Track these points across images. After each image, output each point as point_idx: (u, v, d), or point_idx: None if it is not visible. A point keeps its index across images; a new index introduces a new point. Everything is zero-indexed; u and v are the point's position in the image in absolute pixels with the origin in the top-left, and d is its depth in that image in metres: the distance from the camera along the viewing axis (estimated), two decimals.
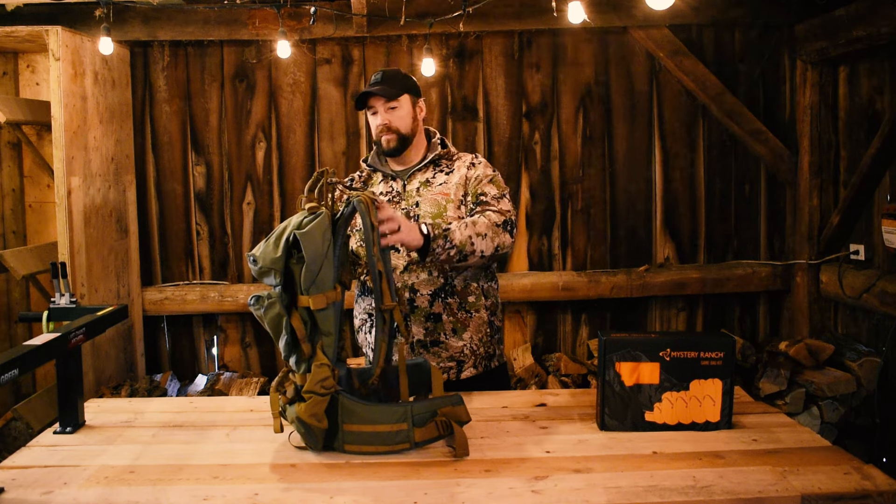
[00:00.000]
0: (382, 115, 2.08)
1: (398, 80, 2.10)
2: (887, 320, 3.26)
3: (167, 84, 3.80)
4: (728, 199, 3.93)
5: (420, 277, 2.04)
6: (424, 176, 2.12)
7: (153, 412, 1.93)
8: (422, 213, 2.05)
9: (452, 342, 2.08)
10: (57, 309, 1.92)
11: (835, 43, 3.39)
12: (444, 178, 2.12)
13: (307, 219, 1.56)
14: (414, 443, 1.59)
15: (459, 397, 1.65)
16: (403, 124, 2.09)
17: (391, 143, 2.09)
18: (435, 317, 2.05)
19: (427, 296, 2.04)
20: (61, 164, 3.08)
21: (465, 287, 2.08)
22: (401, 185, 2.12)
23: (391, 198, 2.11)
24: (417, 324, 2.06)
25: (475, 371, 2.12)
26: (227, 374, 3.80)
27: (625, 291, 3.85)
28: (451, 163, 2.16)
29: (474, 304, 2.10)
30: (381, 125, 2.08)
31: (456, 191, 2.08)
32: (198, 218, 3.87)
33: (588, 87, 3.86)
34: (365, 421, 1.57)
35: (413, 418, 1.59)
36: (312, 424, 1.54)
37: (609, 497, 1.38)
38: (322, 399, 1.54)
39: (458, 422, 1.62)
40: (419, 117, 2.15)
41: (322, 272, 1.55)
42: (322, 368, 1.55)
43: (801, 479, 1.44)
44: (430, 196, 2.07)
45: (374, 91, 2.04)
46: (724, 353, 1.69)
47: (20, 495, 1.43)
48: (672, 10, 3.00)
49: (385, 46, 3.80)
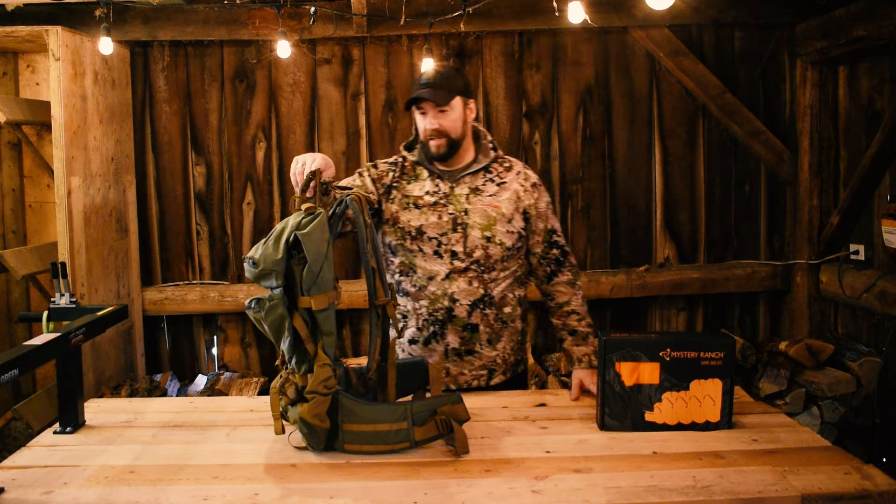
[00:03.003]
0: (432, 119, 1.99)
1: (451, 81, 2.01)
2: (887, 320, 3.25)
3: (167, 84, 3.80)
4: (728, 199, 3.93)
5: (460, 287, 2.00)
6: (475, 182, 2.05)
7: (153, 412, 1.93)
8: (470, 221, 2.00)
9: (486, 352, 2.06)
10: (57, 309, 1.92)
11: (835, 43, 3.39)
12: (496, 188, 2.05)
13: (305, 219, 1.56)
14: (414, 441, 1.59)
15: (459, 396, 1.66)
16: (454, 128, 2.00)
17: (440, 149, 2.01)
18: (472, 327, 2.02)
19: (466, 306, 2.01)
20: (61, 164, 3.08)
21: (502, 298, 2.05)
22: (448, 186, 2.04)
23: (437, 199, 2.03)
24: (453, 332, 2.02)
25: (503, 378, 2.12)
26: (227, 374, 3.80)
27: (625, 291, 3.85)
28: (502, 172, 2.09)
29: (510, 314, 2.08)
30: (431, 129, 2.00)
31: (507, 205, 2.03)
32: (198, 218, 3.87)
33: (588, 87, 3.86)
34: (365, 420, 1.57)
35: (413, 417, 1.59)
36: (316, 425, 1.55)
37: (609, 497, 1.38)
38: (325, 399, 1.54)
39: (457, 420, 1.62)
40: (469, 119, 2.06)
41: (323, 272, 1.55)
42: (324, 368, 1.55)
43: (801, 479, 1.44)
44: (481, 206, 2.02)
45: (425, 96, 1.97)
46: (724, 353, 1.69)
47: (20, 495, 1.43)
48: (672, 10, 3.00)
49: (385, 46, 3.80)
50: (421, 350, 2.06)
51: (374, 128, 3.85)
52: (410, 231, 2.01)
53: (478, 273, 2.01)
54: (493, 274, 2.03)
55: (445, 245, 2.00)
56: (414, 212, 2.03)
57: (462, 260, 2.00)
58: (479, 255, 2.00)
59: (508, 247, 2.03)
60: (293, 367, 1.60)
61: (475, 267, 2.00)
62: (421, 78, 2.03)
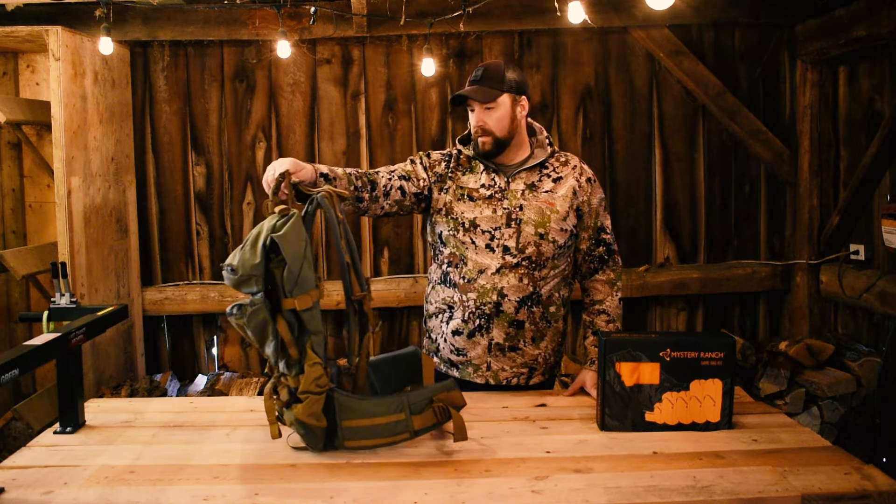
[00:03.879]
0: (478, 116, 1.99)
1: (498, 78, 1.99)
2: (887, 320, 3.25)
3: (167, 84, 3.80)
4: (728, 199, 3.93)
5: (510, 283, 2.00)
6: (531, 178, 2.05)
7: (153, 412, 1.93)
8: (524, 217, 2.01)
9: (529, 350, 2.06)
10: (57, 309, 1.92)
11: (835, 43, 3.39)
12: (552, 184, 2.05)
13: (280, 221, 1.56)
14: (413, 431, 1.60)
15: (453, 382, 1.66)
16: (499, 126, 1.99)
17: (486, 146, 2.01)
18: (518, 324, 2.03)
19: (514, 302, 2.01)
20: (61, 164, 3.08)
21: (549, 297, 2.06)
22: (504, 181, 2.04)
23: (493, 193, 2.03)
24: (499, 328, 2.02)
25: (542, 378, 2.12)
26: (227, 374, 3.80)
27: (625, 291, 3.84)
28: (559, 166, 2.09)
29: (555, 314, 2.08)
30: (476, 126, 2.00)
31: (562, 202, 2.03)
32: (198, 218, 3.87)
33: (588, 86, 3.86)
34: (363, 415, 1.57)
35: (410, 407, 1.60)
36: (312, 424, 1.55)
37: (609, 497, 1.38)
38: (319, 398, 1.55)
39: (454, 406, 1.63)
40: (520, 116, 2.04)
41: (303, 272, 1.55)
42: (315, 367, 1.55)
43: (801, 479, 1.44)
44: (536, 203, 2.02)
45: (467, 94, 1.96)
46: (724, 353, 1.69)
47: (20, 495, 1.43)
48: (672, 10, 3.00)
49: (385, 46, 3.80)
50: (464, 342, 2.06)
51: (374, 128, 3.85)
52: (464, 222, 2.02)
53: (528, 270, 2.01)
54: (543, 272, 2.03)
55: (498, 239, 2.00)
56: (468, 203, 2.03)
57: (514, 255, 2.00)
58: (531, 251, 2.01)
59: (560, 245, 2.04)
60: (283, 370, 1.59)
61: (526, 263, 2.01)
62: (472, 75, 2.03)
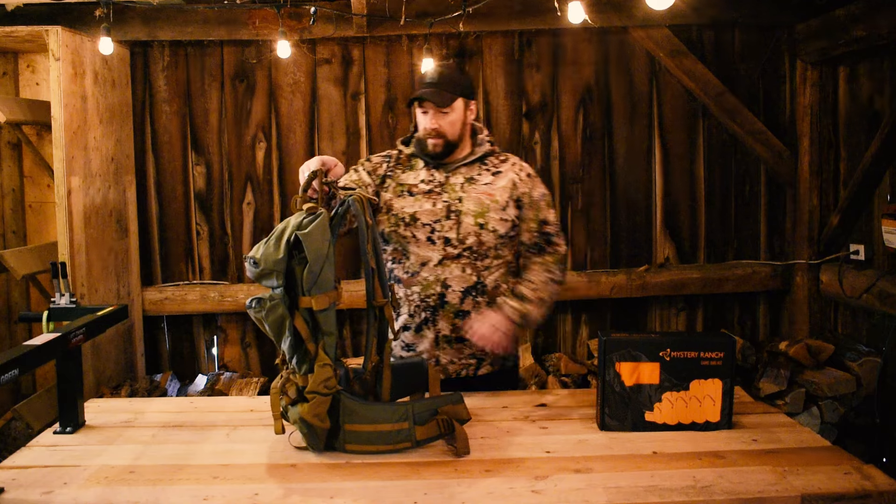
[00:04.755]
0: (432, 119, 2.02)
1: (454, 82, 2.03)
2: (887, 320, 3.26)
3: (167, 84, 3.80)
4: (728, 199, 3.93)
5: (453, 273, 2.02)
6: (470, 172, 2.09)
7: (153, 412, 1.93)
8: (464, 209, 2.03)
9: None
10: (57, 309, 1.92)
11: (835, 43, 3.39)
12: (490, 178, 2.09)
13: (307, 219, 1.56)
14: (415, 441, 1.60)
15: (460, 396, 1.66)
16: (452, 130, 2.04)
17: (437, 148, 2.04)
18: (464, 314, 2.04)
19: (459, 292, 2.03)
20: (61, 164, 3.08)
21: (495, 286, 2.07)
22: (443, 175, 2.08)
23: (432, 187, 2.06)
24: (445, 319, 2.04)
25: (491, 368, 2.12)
26: (227, 374, 3.80)
27: (625, 291, 3.85)
28: (498, 163, 2.12)
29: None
30: (431, 129, 2.03)
31: (501, 194, 2.06)
32: (198, 218, 3.87)
33: (588, 87, 3.86)
34: (366, 420, 1.57)
35: (414, 417, 1.59)
36: (315, 424, 1.55)
37: (609, 497, 1.38)
38: (325, 399, 1.55)
39: (458, 420, 1.62)
40: (469, 120, 2.10)
41: (323, 272, 1.55)
42: (325, 368, 1.55)
43: (801, 479, 1.44)
44: (475, 194, 2.05)
45: (428, 97, 1.99)
46: (724, 353, 1.69)
47: (20, 495, 1.43)
48: (672, 10, 3.00)
49: (385, 46, 3.80)
50: (413, 336, 2.08)
51: (374, 128, 3.85)
52: (404, 217, 2.04)
53: (471, 260, 2.03)
54: (486, 262, 2.05)
55: (439, 232, 2.02)
56: (408, 199, 2.06)
57: (455, 246, 2.02)
58: (471, 241, 2.03)
59: (501, 234, 2.06)
60: (294, 366, 1.60)
61: (468, 254, 2.03)
62: (425, 76, 2.05)
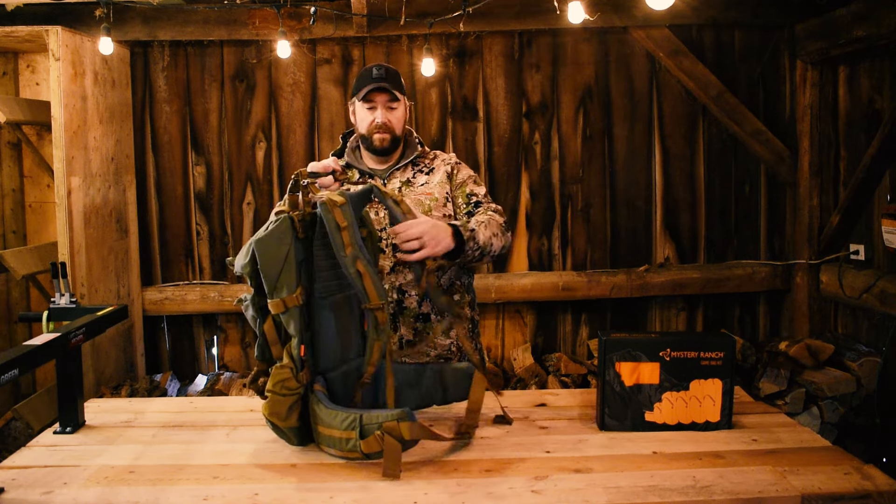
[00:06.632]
0: (383, 114, 2.06)
1: (398, 80, 2.09)
2: (887, 320, 3.25)
3: (167, 84, 3.80)
4: (728, 199, 3.93)
5: (408, 279, 2.03)
6: (405, 175, 2.12)
7: (153, 412, 1.93)
8: None
9: (440, 340, 2.08)
10: (57, 309, 1.92)
11: (835, 43, 3.39)
12: (425, 178, 2.12)
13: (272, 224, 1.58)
14: (363, 453, 1.49)
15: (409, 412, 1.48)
16: (399, 125, 2.09)
17: (385, 143, 2.07)
18: (424, 317, 2.06)
19: (415, 297, 2.04)
20: (61, 164, 3.08)
21: (450, 285, 2.09)
22: (380, 183, 2.08)
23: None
24: (406, 325, 2.05)
25: None
26: (227, 374, 3.80)
27: (625, 291, 3.85)
28: (429, 162, 2.16)
29: (459, 301, 2.12)
30: (381, 122, 2.06)
31: (439, 190, 2.09)
32: (198, 218, 3.87)
33: (588, 87, 3.86)
34: (324, 424, 1.55)
35: (361, 429, 1.48)
36: (275, 422, 1.57)
37: (609, 497, 1.38)
38: (282, 399, 1.55)
39: (398, 440, 1.45)
40: (407, 119, 2.16)
41: (283, 276, 1.55)
42: (282, 370, 1.56)
43: (801, 479, 1.44)
44: (414, 196, 2.07)
45: (385, 86, 2.01)
46: (724, 353, 1.69)
47: (20, 495, 1.43)
48: (672, 10, 3.00)
49: (385, 46, 3.80)
50: None
51: None
52: None
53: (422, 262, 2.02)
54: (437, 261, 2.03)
55: (386, 239, 2.02)
56: None
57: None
58: None
59: None
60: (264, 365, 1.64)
61: None
62: (372, 73, 2.06)
